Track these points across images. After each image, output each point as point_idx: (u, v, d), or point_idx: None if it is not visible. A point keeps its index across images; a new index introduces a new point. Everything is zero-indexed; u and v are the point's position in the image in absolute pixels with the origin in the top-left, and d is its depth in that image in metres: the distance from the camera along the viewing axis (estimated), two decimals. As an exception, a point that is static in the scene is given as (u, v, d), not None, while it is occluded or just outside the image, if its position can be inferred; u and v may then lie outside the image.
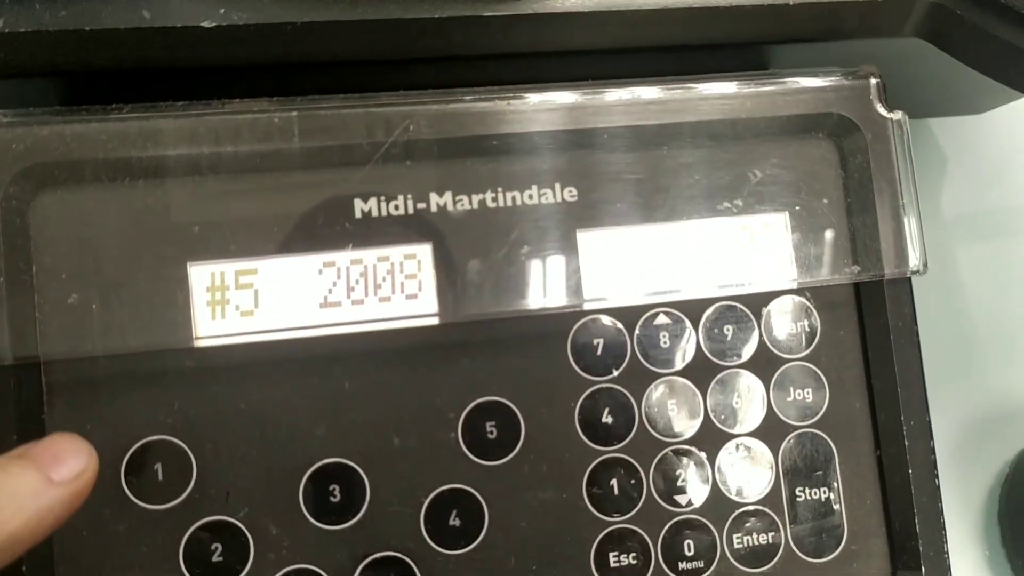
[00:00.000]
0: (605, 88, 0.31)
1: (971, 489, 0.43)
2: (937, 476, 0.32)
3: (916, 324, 0.33)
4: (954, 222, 0.49)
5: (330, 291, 0.29)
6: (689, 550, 0.31)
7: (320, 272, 0.29)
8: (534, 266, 0.30)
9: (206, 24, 0.27)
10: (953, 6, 0.32)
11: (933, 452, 0.32)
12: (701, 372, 0.32)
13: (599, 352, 0.31)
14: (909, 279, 0.33)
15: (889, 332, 0.32)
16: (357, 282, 0.30)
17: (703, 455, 0.32)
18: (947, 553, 0.32)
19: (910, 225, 0.32)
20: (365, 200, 0.30)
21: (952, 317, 0.46)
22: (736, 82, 0.32)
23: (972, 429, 0.44)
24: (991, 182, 0.50)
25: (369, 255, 0.30)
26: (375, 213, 0.30)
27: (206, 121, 0.28)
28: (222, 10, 0.28)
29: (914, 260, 0.32)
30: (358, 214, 0.30)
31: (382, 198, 0.30)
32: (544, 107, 0.31)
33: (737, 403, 0.32)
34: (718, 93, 0.32)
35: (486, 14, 0.29)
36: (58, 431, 0.27)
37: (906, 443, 0.32)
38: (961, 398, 0.44)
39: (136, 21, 0.27)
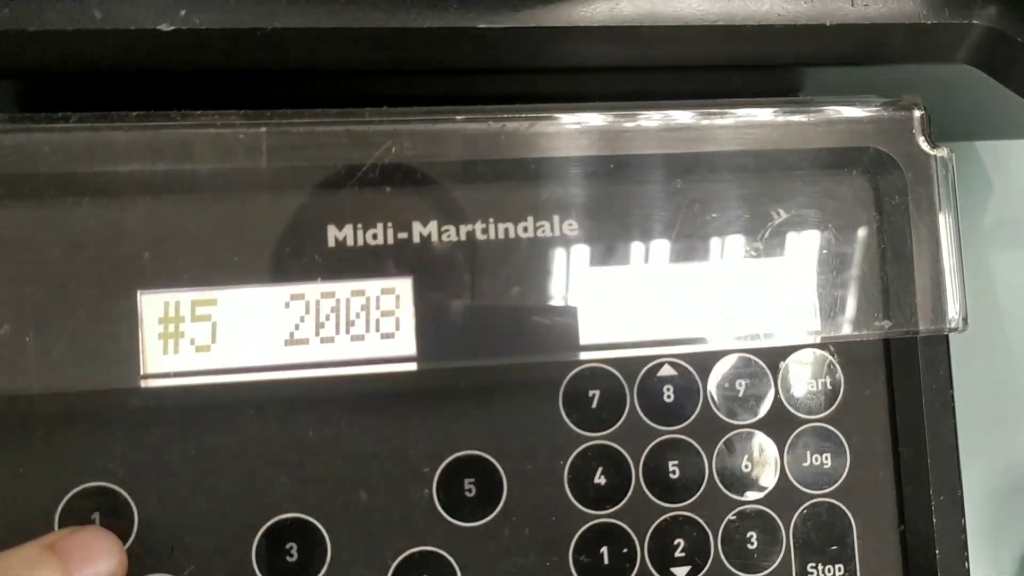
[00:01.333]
0: (612, 112, 0.28)
1: (999, 556, 0.40)
2: (967, 559, 0.29)
3: (952, 387, 0.29)
4: (996, 253, 0.46)
5: (297, 327, 0.27)
6: (686, 628, 0.28)
7: (287, 305, 0.26)
8: (526, 308, 0.27)
9: (164, 27, 0.24)
10: (1012, 32, 0.28)
11: (964, 531, 0.29)
12: (708, 431, 0.29)
13: (595, 405, 0.28)
14: (946, 337, 0.29)
15: (921, 395, 0.29)
16: (328, 318, 0.27)
17: (705, 523, 0.28)
18: (974, 645, 0.29)
19: (951, 276, 0.29)
20: (340, 227, 0.27)
21: (990, 362, 0.43)
22: (761, 109, 0.28)
23: (1005, 488, 0.41)
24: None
25: (342, 288, 0.27)
26: (350, 242, 0.27)
27: (162, 135, 0.25)
28: (182, 12, 0.25)
29: (953, 316, 0.29)
30: (331, 242, 0.27)
31: (359, 226, 0.27)
32: (543, 131, 0.27)
33: (746, 467, 0.29)
34: (740, 122, 0.28)
35: (480, 26, 0.26)
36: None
37: (934, 520, 0.29)
38: (994, 455, 0.41)
39: (86, 23, 0.24)
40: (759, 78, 0.31)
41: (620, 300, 0.28)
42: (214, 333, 0.26)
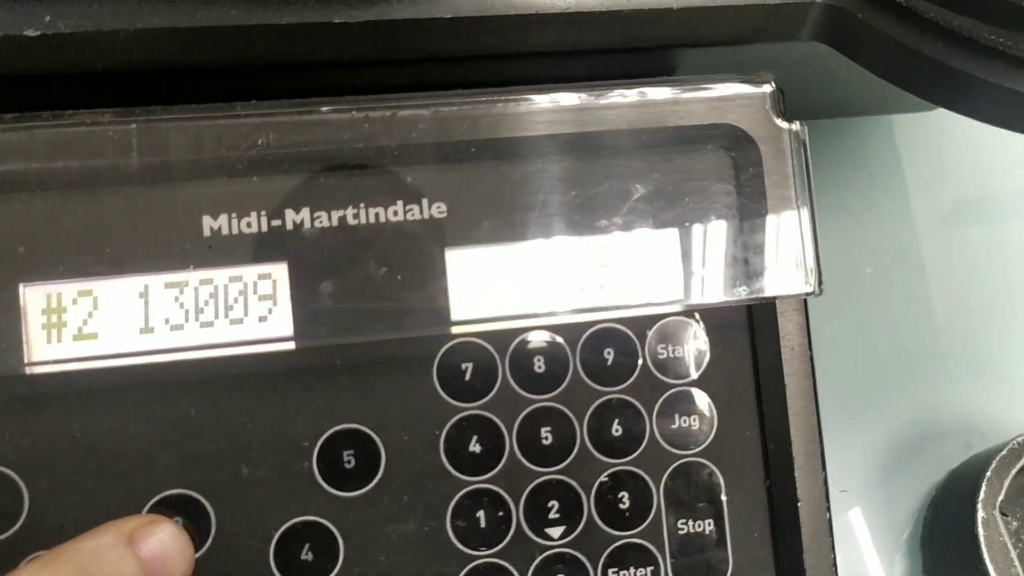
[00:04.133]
0: (475, 97, 0.29)
1: (897, 511, 0.41)
2: (829, 510, 0.31)
3: (811, 349, 0.31)
4: (910, 223, 0.47)
5: (176, 313, 0.28)
6: (561, 585, 0.30)
7: (165, 293, 0.28)
8: (398, 288, 0.29)
9: (30, 33, 0.26)
10: (850, 8, 0.30)
11: (825, 484, 0.31)
12: (578, 398, 0.30)
13: (468, 377, 0.30)
14: (804, 302, 0.31)
15: (781, 357, 0.31)
16: (206, 303, 0.28)
17: (578, 486, 0.30)
18: (837, 590, 0.30)
19: (805, 244, 0.30)
20: (215, 217, 0.28)
21: (890, 323, 0.45)
22: (618, 91, 0.30)
23: (900, 446, 0.42)
24: (945, 182, 0.48)
25: (220, 275, 0.28)
26: (225, 231, 0.28)
27: (35, 135, 0.27)
28: (47, 17, 0.26)
29: (808, 281, 0.30)
30: (207, 232, 0.28)
31: (233, 215, 0.28)
32: (408, 118, 0.29)
33: (617, 431, 0.30)
34: (600, 104, 0.30)
35: (336, 21, 0.27)
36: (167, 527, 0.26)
37: (796, 474, 0.30)
38: (891, 413, 0.43)
39: (-49, 30, 0.25)
40: (632, 60, 0.32)
41: (489, 277, 0.29)
42: (96, 322, 0.27)
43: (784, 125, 0.31)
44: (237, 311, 0.28)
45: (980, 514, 0.35)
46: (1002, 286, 0.45)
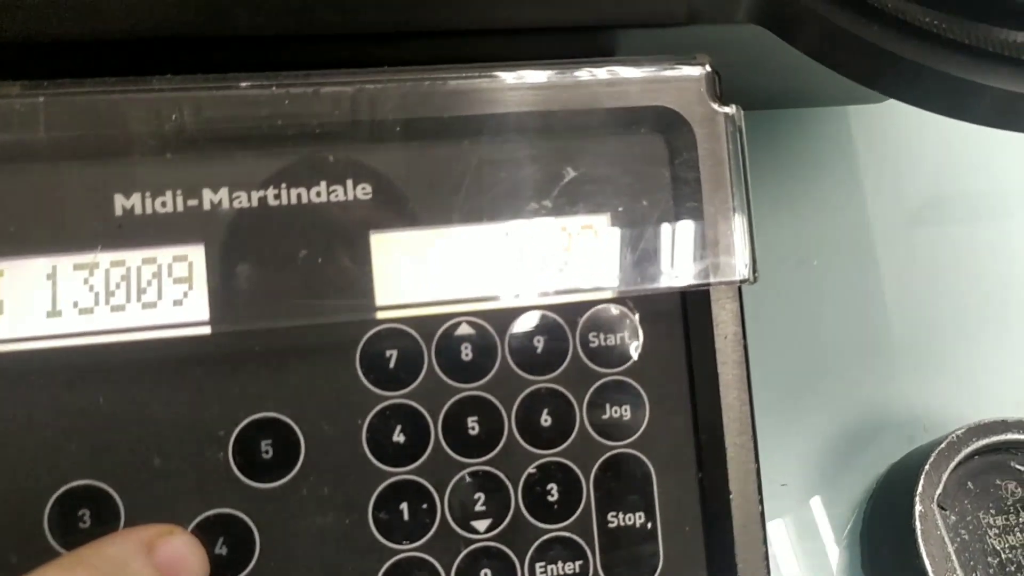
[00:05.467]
0: (401, 75, 0.28)
1: (839, 506, 0.41)
2: (761, 502, 0.30)
3: (745, 338, 0.30)
4: (859, 216, 0.47)
5: (85, 296, 0.27)
6: (487, 580, 0.29)
7: (74, 275, 0.27)
8: (320, 272, 0.28)
9: (-75, -1, 0.24)
10: (788, -10, 0.29)
11: (758, 476, 0.30)
12: (507, 387, 0.29)
13: (392, 365, 0.29)
14: (739, 290, 0.30)
15: (714, 347, 0.30)
16: (118, 286, 0.27)
17: (505, 477, 0.29)
18: (769, 584, 0.30)
19: (740, 230, 0.30)
20: (127, 196, 0.27)
21: (834, 316, 0.44)
22: (551, 71, 0.29)
23: (845, 438, 0.42)
24: (897, 176, 0.48)
25: (133, 256, 0.27)
26: (139, 210, 0.27)
27: (-67, 107, 0.25)
28: (-55, -17, 0.25)
29: (743, 269, 0.30)
30: (119, 211, 0.27)
31: (147, 194, 0.27)
32: (331, 96, 0.28)
33: (546, 421, 0.29)
34: (530, 83, 0.29)
35: (254, -8, 0.26)
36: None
37: (728, 466, 0.30)
38: (835, 406, 0.42)
39: None
40: (568, 42, 0.31)
41: (415, 261, 0.28)
42: (0, 303, 0.26)
43: (719, 108, 0.30)
44: (151, 294, 0.27)
45: (918, 507, 0.35)
46: (948, 281, 0.45)
